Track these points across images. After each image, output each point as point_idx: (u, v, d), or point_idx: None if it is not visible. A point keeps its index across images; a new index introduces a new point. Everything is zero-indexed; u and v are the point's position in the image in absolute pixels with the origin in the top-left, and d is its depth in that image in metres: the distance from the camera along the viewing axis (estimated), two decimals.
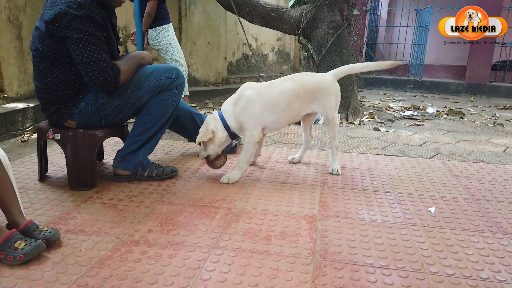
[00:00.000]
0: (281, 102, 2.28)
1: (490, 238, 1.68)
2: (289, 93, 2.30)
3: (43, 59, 1.98)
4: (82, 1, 1.90)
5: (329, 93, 2.37)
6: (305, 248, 1.55)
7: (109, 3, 2.09)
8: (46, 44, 1.94)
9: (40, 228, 1.51)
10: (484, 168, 2.68)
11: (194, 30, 6.03)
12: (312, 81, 2.38)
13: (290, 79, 2.38)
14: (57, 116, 2.09)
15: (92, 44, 1.91)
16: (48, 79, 2.01)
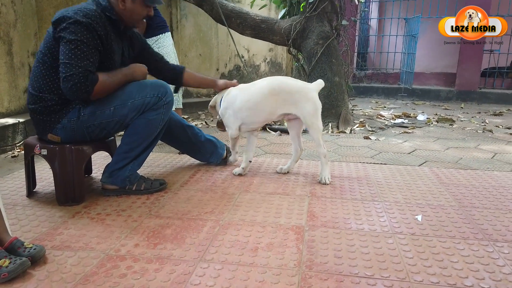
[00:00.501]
0: (255, 98, 2.45)
1: (475, 245, 1.69)
2: (264, 90, 2.43)
3: (41, 63, 2.01)
4: (90, 12, 1.95)
5: (306, 98, 2.42)
6: (291, 260, 1.56)
7: (127, 25, 2.15)
8: (49, 46, 1.98)
9: (25, 245, 1.51)
10: (472, 174, 2.70)
11: (186, 43, 6.07)
12: (290, 83, 2.47)
13: (271, 78, 2.56)
14: (40, 128, 2.10)
15: (78, 49, 1.90)
16: (38, 84, 2.02)
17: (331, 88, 4.38)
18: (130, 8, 2.07)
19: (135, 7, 2.07)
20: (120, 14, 2.08)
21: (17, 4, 3.70)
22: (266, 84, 2.46)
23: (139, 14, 2.11)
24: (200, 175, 2.62)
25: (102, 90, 2.00)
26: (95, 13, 1.97)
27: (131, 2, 2.06)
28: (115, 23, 2.09)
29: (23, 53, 3.81)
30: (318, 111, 2.46)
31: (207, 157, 2.83)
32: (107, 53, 2.05)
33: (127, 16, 2.09)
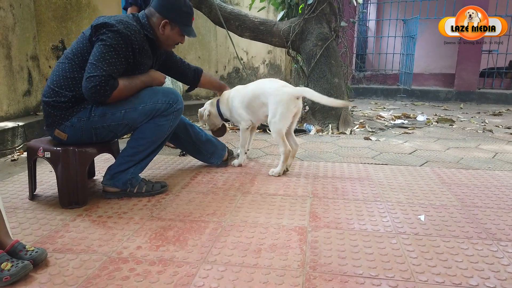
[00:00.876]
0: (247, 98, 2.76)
1: (479, 245, 1.68)
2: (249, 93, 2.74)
3: (69, 60, 2.06)
4: (131, 25, 2.06)
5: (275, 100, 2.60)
6: (295, 260, 1.55)
7: (160, 47, 2.29)
8: (81, 47, 2.05)
9: (26, 248, 1.50)
10: (473, 174, 2.70)
11: (185, 45, 6.07)
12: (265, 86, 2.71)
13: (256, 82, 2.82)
14: (50, 120, 2.10)
15: (108, 55, 1.96)
16: (58, 80, 2.05)
17: (330, 89, 4.38)
18: (167, 34, 2.21)
19: (172, 34, 2.22)
20: (157, 36, 2.21)
21: (15, 8, 3.70)
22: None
23: (173, 40, 2.26)
24: (201, 177, 2.61)
25: (119, 95, 2.05)
26: (135, 28, 2.08)
27: (170, 29, 2.19)
28: (151, 41, 2.21)
29: (22, 56, 3.80)
30: (281, 114, 2.56)
31: (207, 158, 2.82)
32: (136, 65, 2.13)
33: (163, 40, 2.23)
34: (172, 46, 2.32)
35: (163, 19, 2.16)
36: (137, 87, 2.14)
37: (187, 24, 2.25)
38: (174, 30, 2.21)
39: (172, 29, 2.20)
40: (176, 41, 2.28)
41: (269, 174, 2.64)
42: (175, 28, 2.21)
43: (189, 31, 2.28)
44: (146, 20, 2.18)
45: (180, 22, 2.21)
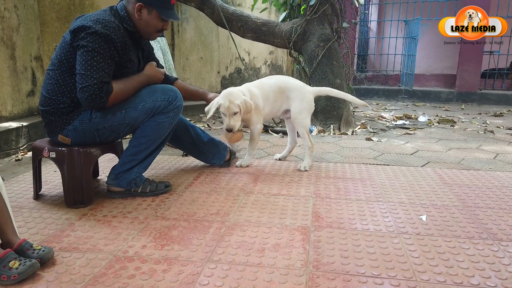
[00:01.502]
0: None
1: (480, 245, 1.70)
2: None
3: (57, 66, 2.05)
4: (108, 23, 1.99)
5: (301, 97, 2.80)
6: (298, 260, 1.57)
7: (142, 36, 2.19)
8: (65, 53, 2.02)
9: (33, 247, 1.52)
10: (474, 175, 2.72)
11: (187, 46, 6.10)
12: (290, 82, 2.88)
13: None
14: (51, 128, 2.12)
15: (94, 60, 1.94)
16: (51, 88, 2.06)
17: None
18: (145, 19, 2.10)
19: (150, 19, 2.10)
20: (136, 25, 2.12)
21: (20, 8, 3.72)
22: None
23: (154, 26, 2.13)
24: (204, 177, 2.64)
25: (116, 99, 2.05)
26: (114, 24, 2.01)
27: (147, 13, 2.08)
28: (132, 34, 2.14)
29: (26, 57, 3.83)
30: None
31: (209, 158, 2.84)
32: (123, 62, 2.10)
33: (142, 27, 2.12)
34: (154, 33, 2.19)
35: (137, 3, 2.06)
36: (133, 88, 2.12)
37: (165, 6, 2.10)
38: (151, 14, 2.09)
39: (149, 13, 2.09)
40: (157, 26, 2.14)
41: (300, 170, 2.77)
42: (152, 11, 2.09)
43: (169, 13, 2.12)
44: (125, 11, 2.10)
45: (156, 5, 2.08)
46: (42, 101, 2.11)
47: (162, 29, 2.18)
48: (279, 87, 2.75)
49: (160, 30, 2.18)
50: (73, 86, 2.03)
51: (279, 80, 2.81)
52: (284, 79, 2.84)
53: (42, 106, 2.12)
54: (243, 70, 7.33)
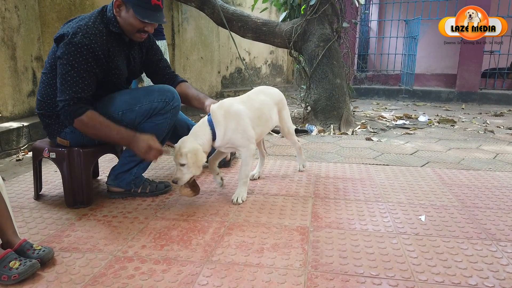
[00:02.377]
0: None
1: (479, 245, 1.70)
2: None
3: (49, 71, 2.04)
4: (90, 30, 1.92)
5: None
6: (297, 260, 1.57)
7: (130, 38, 2.10)
8: (54, 58, 2.00)
9: (34, 247, 1.53)
10: (474, 175, 2.72)
11: (187, 46, 6.10)
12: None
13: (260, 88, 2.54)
14: (49, 130, 2.14)
15: (68, 75, 1.89)
16: (45, 91, 2.07)
17: (332, 90, 4.40)
18: (123, 17, 2.00)
19: (127, 17, 1.98)
20: (120, 25, 2.03)
21: (20, 9, 3.73)
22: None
23: (131, 26, 2.00)
24: (204, 177, 2.64)
25: (82, 128, 1.96)
26: (96, 30, 1.94)
27: (125, 11, 1.98)
28: (119, 36, 2.07)
29: (27, 57, 3.84)
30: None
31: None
32: (108, 69, 2.05)
33: (122, 25, 2.02)
34: (134, 34, 2.03)
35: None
36: (110, 134, 1.97)
37: (142, 5, 1.94)
38: (129, 12, 1.96)
39: (127, 10, 1.96)
40: (136, 26, 1.99)
41: (300, 170, 2.79)
42: (130, 10, 1.95)
43: (145, 13, 1.94)
44: (112, 13, 2.00)
45: (133, 2, 1.93)
46: (38, 104, 2.12)
47: (144, 30, 2.03)
48: (265, 103, 2.34)
49: (142, 31, 2.04)
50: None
51: (261, 95, 2.38)
52: (264, 92, 2.43)
53: (38, 109, 2.13)
54: (244, 70, 7.34)
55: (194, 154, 1.98)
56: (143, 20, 1.97)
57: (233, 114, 2.13)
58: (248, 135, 2.17)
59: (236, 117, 2.13)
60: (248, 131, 2.17)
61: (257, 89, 2.47)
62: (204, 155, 2.04)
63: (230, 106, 2.16)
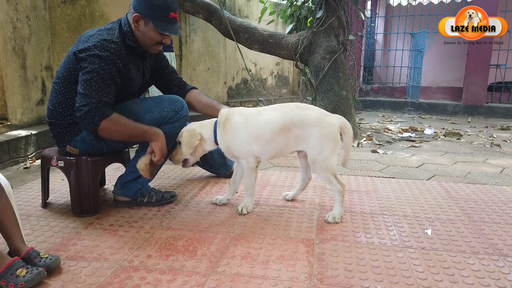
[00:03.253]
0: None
1: (486, 260, 1.69)
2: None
3: (62, 81, 2.07)
4: (109, 44, 1.98)
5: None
6: (302, 272, 1.57)
7: (145, 50, 2.16)
8: (69, 68, 2.03)
9: (41, 255, 1.54)
10: (480, 189, 2.70)
11: (194, 57, 6.17)
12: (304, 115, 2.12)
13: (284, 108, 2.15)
14: (59, 139, 2.16)
15: (93, 80, 1.93)
16: (57, 101, 2.09)
17: (338, 101, 4.42)
18: (142, 31, 2.06)
19: (147, 31, 2.05)
20: (136, 37, 2.09)
21: (31, 19, 3.81)
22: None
23: (150, 39, 2.07)
24: (209, 187, 2.65)
25: (109, 128, 1.96)
26: (115, 45, 2.00)
27: (144, 25, 2.05)
28: (134, 49, 2.13)
29: (36, 66, 3.90)
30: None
31: (216, 169, 2.86)
32: (125, 81, 2.11)
33: (140, 38, 2.09)
34: (152, 46, 2.12)
35: (135, 13, 2.03)
36: (133, 131, 2.01)
37: (161, 19, 2.03)
38: (148, 25, 2.04)
39: (146, 24, 2.04)
40: (154, 39, 2.08)
41: (329, 221, 2.07)
42: (149, 24, 2.03)
43: (166, 27, 2.04)
44: (127, 26, 2.08)
45: (153, 16, 2.02)
46: (49, 114, 2.15)
47: (161, 43, 2.10)
48: (284, 125, 2.06)
49: (160, 44, 2.11)
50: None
51: (286, 114, 2.07)
52: (292, 112, 2.08)
53: (50, 118, 2.15)
54: (250, 81, 7.39)
55: (189, 134, 2.13)
56: (164, 33, 2.05)
57: (231, 125, 2.13)
58: (244, 150, 2.12)
59: (233, 129, 2.12)
60: (242, 146, 2.11)
61: (292, 105, 2.16)
62: (197, 137, 2.13)
63: (231, 116, 2.15)
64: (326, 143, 2.04)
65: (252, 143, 2.10)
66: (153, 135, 2.04)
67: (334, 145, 2.06)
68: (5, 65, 3.47)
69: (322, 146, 2.04)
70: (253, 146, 2.10)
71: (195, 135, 2.13)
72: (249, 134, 2.09)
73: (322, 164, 2.06)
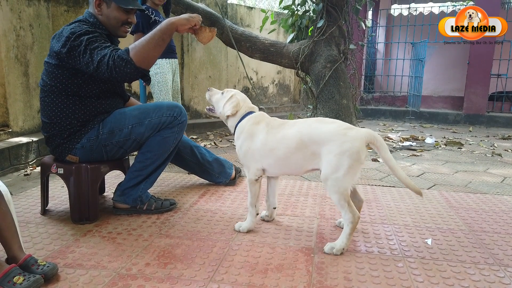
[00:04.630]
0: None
1: (486, 270, 1.68)
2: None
3: (50, 93, 2.05)
4: (84, 24, 1.98)
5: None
6: (301, 281, 1.56)
7: (115, 35, 2.15)
8: (55, 76, 2.01)
9: (38, 262, 1.53)
10: (481, 198, 2.69)
11: (196, 65, 6.20)
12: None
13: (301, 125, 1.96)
14: (59, 150, 2.14)
15: (92, 41, 1.90)
16: (52, 113, 2.08)
17: (339, 110, 4.42)
18: (106, 14, 2.04)
19: (110, 12, 2.04)
20: (102, 23, 2.07)
21: (35, 27, 3.84)
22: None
23: (116, 19, 2.06)
24: (209, 195, 2.65)
25: (140, 53, 1.88)
26: (91, 25, 2.01)
27: (106, 7, 2.03)
28: (110, 39, 2.12)
29: (39, 74, 3.92)
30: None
31: (215, 177, 2.85)
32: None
33: (105, 22, 2.06)
34: (120, 28, 2.10)
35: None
36: (154, 37, 1.91)
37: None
38: (110, 6, 2.02)
39: (108, 5, 2.02)
40: (120, 19, 2.05)
41: (327, 252, 1.81)
42: (111, 4, 2.01)
43: (126, 2, 2.02)
44: (93, 17, 2.07)
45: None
46: (46, 127, 2.12)
47: (128, 22, 2.08)
48: (301, 141, 1.87)
49: (126, 23, 2.09)
50: (75, 108, 2.06)
51: (303, 129, 1.89)
52: (310, 127, 1.88)
53: (47, 132, 2.13)
54: (251, 89, 7.41)
55: (238, 100, 2.10)
56: (127, 8, 2.02)
57: (245, 129, 2.04)
58: (249, 157, 2.02)
59: (245, 134, 2.03)
60: (248, 156, 2.02)
61: (313, 119, 1.96)
62: (238, 106, 2.10)
63: (260, 120, 2.04)
64: (342, 160, 1.76)
65: (263, 155, 1.97)
66: (169, 24, 1.95)
67: (353, 165, 1.77)
68: (8, 72, 3.50)
69: (338, 163, 1.77)
70: (263, 159, 1.98)
71: (238, 105, 2.09)
72: (263, 145, 1.96)
73: (334, 184, 1.78)
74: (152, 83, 3.50)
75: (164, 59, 3.49)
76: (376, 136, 1.83)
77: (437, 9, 9.89)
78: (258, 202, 2.10)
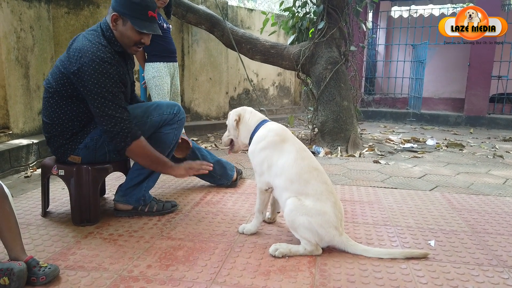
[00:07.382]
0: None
1: (490, 272, 1.67)
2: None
3: (54, 95, 2.04)
4: (105, 56, 1.94)
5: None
6: (304, 283, 1.55)
7: (126, 51, 2.13)
8: (63, 84, 2.00)
9: (40, 264, 1.52)
10: (484, 200, 2.68)
11: (196, 67, 6.20)
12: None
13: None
14: (61, 151, 2.13)
15: (108, 100, 1.93)
16: (55, 114, 2.07)
17: (339, 112, 4.42)
18: (120, 31, 2.01)
19: (124, 30, 2.00)
20: (115, 37, 2.04)
21: (35, 29, 3.84)
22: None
23: (129, 39, 2.03)
24: (210, 197, 2.64)
25: (136, 151, 2.01)
26: (110, 55, 1.97)
27: (122, 24, 2.00)
28: (122, 55, 2.11)
29: (39, 76, 3.92)
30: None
31: (217, 179, 2.85)
32: (124, 88, 2.09)
33: (119, 38, 2.04)
34: (132, 47, 2.08)
35: (113, 13, 1.98)
36: (158, 158, 2.06)
37: (139, 17, 1.98)
38: (126, 25, 1.99)
39: (124, 23, 1.99)
40: (133, 39, 2.03)
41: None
42: (127, 23, 1.99)
43: (143, 25, 2.00)
44: (110, 30, 2.02)
45: (130, 15, 1.97)
46: (47, 128, 2.11)
47: (140, 43, 2.06)
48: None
49: (139, 44, 2.07)
50: (78, 111, 2.06)
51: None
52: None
53: (48, 132, 2.12)
54: (251, 91, 7.41)
55: (232, 112, 2.11)
56: (142, 31, 2.00)
57: (268, 139, 1.93)
58: (260, 168, 1.95)
59: (266, 143, 1.92)
60: (265, 166, 1.92)
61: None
62: (234, 116, 2.06)
63: (272, 132, 1.94)
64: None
65: (278, 174, 1.87)
66: (171, 168, 2.11)
67: None
68: (8, 74, 3.50)
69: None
70: (276, 177, 1.88)
71: (235, 113, 2.07)
72: (287, 168, 1.85)
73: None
74: (150, 86, 3.50)
75: (162, 63, 3.48)
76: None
77: (437, 11, 9.91)
78: (266, 209, 2.07)
